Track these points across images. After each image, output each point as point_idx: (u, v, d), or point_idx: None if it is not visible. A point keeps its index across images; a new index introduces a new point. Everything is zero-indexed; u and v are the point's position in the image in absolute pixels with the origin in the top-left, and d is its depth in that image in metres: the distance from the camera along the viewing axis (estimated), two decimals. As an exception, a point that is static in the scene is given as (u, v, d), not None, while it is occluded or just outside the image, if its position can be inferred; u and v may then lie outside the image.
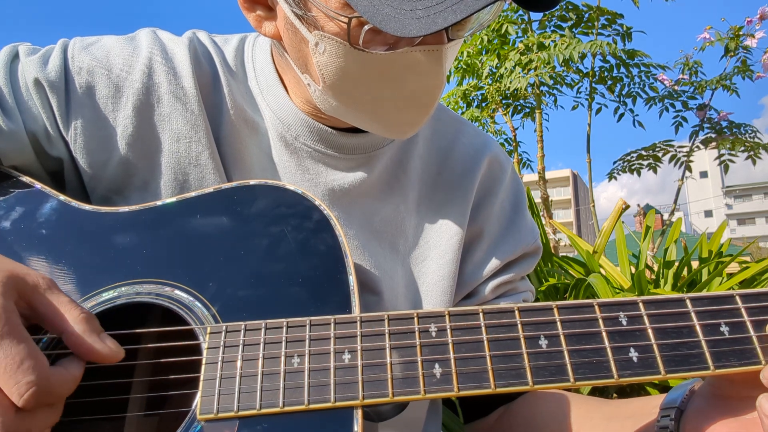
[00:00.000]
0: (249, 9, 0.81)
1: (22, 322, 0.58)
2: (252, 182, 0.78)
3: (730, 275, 2.71)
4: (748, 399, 0.58)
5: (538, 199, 5.00)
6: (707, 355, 0.57)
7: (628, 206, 3.38)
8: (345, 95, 0.77)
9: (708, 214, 59.99)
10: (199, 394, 0.61)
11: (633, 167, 5.23)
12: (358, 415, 0.58)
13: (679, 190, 5.22)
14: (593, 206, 5.19)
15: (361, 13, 0.65)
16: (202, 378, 0.62)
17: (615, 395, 2.18)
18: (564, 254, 3.26)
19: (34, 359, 0.55)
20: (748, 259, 3.79)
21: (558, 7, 4.74)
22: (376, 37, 0.70)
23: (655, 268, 2.92)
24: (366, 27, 0.69)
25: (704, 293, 0.60)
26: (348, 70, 0.74)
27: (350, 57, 0.72)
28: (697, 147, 5.01)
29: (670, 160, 5.10)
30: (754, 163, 4.93)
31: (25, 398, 0.53)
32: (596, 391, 2.04)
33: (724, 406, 0.60)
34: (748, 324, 0.59)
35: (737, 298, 0.59)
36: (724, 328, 0.59)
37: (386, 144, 0.92)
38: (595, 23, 4.69)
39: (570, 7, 4.77)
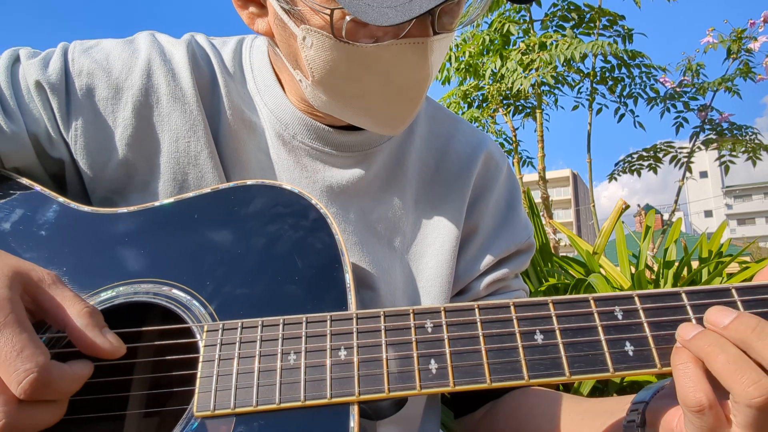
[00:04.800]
0: (242, 7, 0.82)
1: (28, 317, 0.58)
2: (249, 182, 0.78)
3: (730, 275, 2.70)
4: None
5: (538, 199, 5.01)
6: None
7: (628, 206, 3.38)
8: (333, 89, 0.78)
9: (708, 214, 59.93)
10: (196, 392, 0.61)
11: (633, 168, 5.24)
12: (354, 411, 0.59)
13: (679, 190, 5.22)
14: (593, 206, 5.19)
15: (341, 3, 0.66)
16: (199, 375, 0.62)
17: (615, 395, 2.18)
18: (564, 254, 3.26)
19: (33, 348, 0.55)
20: (748, 259, 3.79)
21: (559, 6, 4.76)
22: (360, 30, 0.71)
23: (655, 268, 2.91)
24: (347, 18, 0.70)
25: (699, 287, 0.60)
26: (335, 64, 0.74)
27: (336, 50, 0.73)
28: (698, 148, 5.02)
29: (671, 161, 5.11)
30: (754, 164, 4.94)
31: (22, 386, 0.54)
32: (596, 392, 2.04)
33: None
34: None
35: (733, 291, 0.59)
36: None
37: (383, 142, 0.92)
38: (597, 23, 4.70)
39: (572, 7, 4.78)
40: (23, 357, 0.54)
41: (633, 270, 2.67)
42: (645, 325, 0.59)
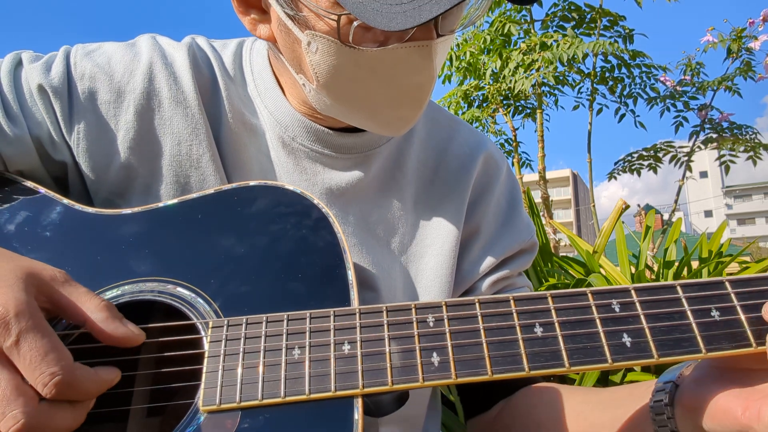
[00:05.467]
0: (244, 12, 0.82)
1: (44, 316, 0.59)
2: (252, 183, 0.79)
3: (730, 275, 2.70)
4: (747, 371, 0.59)
5: (538, 199, 5.01)
6: (699, 338, 0.59)
7: (628, 206, 3.38)
8: (339, 93, 0.79)
9: (708, 214, 59.83)
10: (202, 387, 0.62)
11: (633, 167, 5.24)
12: (358, 404, 0.60)
13: (679, 190, 5.22)
14: (593, 206, 5.19)
15: (349, 9, 0.67)
16: (204, 370, 0.63)
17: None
18: (564, 254, 3.26)
19: (58, 352, 0.57)
20: (748, 259, 3.79)
21: (560, 6, 4.77)
22: (365, 34, 0.72)
23: (655, 268, 2.91)
24: (355, 24, 0.70)
25: (695, 280, 0.61)
26: (340, 68, 0.75)
27: (342, 55, 0.73)
28: (698, 147, 5.02)
29: (671, 161, 5.11)
30: (754, 163, 4.94)
31: (48, 387, 0.55)
32: (598, 390, 2.05)
33: (722, 376, 0.60)
34: (738, 308, 0.60)
35: (727, 283, 0.61)
36: (715, 313, 0.60)
37: (382, 143, 0.93)
38: (597, 23, 4.71)
39: (572, 7, 4.79)
40: (48, 360, 0.56)
41: (633, 270, 2.67)
42: (642, 317, 0.60)
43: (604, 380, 1.92)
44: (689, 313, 0.60)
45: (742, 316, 0.59)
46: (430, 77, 0.77)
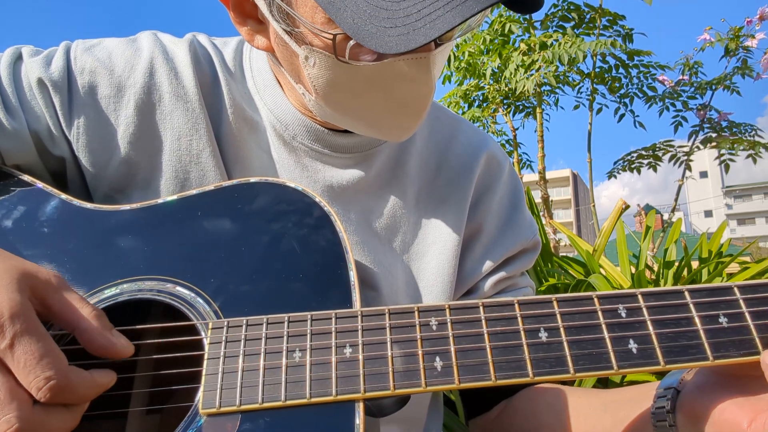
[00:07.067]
0: (241, 23, 0.82)
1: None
2: (253, 179, 0.79)
3: (730, 275, 2.70)
4: (751, 378, 0.58)
5: (538, 199, 5.00)
6: (706, 345, 0.58)
7: (628, 206, 3.38)
8: (338, 104, 0.79)
9: (708, 214, 59.97)
10: (201, 389, 0.61)
11: (633, 166, 5.24)
12: (360, 408, 0.59)
13: (679, 189, 5.22)
14: (593, 206, 5.19)
15: (344, 30, 0.66)
16: (204, 373, 0.62)
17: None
18: (564, 254, 3.25)
19: (53, 356, 0.56)
20: (748, 259, 3.78)
21: (559, 7, 4.76)
22: (362, 49, 0.71)
23: (655, 268, 2.91)
24: (351, 42, 0.69)
25: (702, 285, 0.60)
26: (338, 82, 0.75)
27: (339, 69, 0.73)
28: (697, 147, 5.01)
29: (670, 160, 5.10)
30: (754, 161, 4.93)
31: (43, 392, 0.55)
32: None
33: (726, 383, 0.60)
34: (747, 315, 0.59)
35: (735, 289, 0.60)
36: (723, 319, 0.59)
37: (383, 142, 0.93)
38: (597, 23, 4.70)
39: (572, 7, 4.78)
40: (43, 364, 0.55)
41: (633, 270, 2.67)
42: (648, 323, 0.59)
43: (604, 380, 1.92)
44: (697, 319, 0.59)
45: (751, 323, 0.58)
46: (429, 88, 0.76)
